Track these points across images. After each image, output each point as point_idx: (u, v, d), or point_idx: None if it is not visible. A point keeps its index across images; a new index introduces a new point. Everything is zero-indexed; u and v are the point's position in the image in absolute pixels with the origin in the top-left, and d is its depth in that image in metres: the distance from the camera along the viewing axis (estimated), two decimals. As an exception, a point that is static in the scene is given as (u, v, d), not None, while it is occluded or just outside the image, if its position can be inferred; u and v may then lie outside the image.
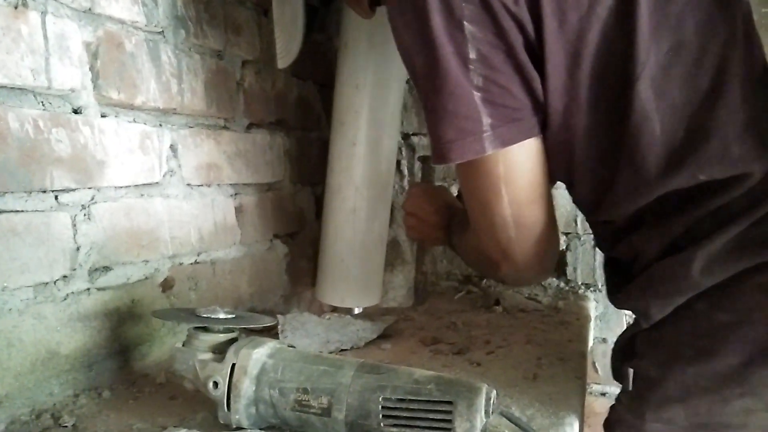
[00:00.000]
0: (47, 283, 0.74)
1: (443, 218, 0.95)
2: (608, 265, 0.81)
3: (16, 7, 0.69)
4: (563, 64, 0.65)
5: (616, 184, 0.67)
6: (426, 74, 0.67)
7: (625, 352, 0.74)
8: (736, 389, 0.63)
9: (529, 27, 0.64)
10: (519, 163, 0.68)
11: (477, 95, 0.65)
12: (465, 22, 0.63)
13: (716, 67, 0.64)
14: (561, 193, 1.29)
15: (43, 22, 0.72)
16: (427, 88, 0.68)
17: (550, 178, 0.73)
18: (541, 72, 0.65)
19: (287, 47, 0.91)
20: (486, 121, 0.65)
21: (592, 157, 0.69)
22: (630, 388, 0.70)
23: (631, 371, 0.70)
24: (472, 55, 0.64)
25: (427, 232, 0.99)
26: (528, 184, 0.69)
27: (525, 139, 0.67)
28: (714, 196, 0.63)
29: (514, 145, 0.67)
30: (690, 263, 0.63)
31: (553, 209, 0.74)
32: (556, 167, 0.72)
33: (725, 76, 0.64)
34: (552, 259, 0.77)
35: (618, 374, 0.75)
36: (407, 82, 1.26)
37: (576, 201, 0.78)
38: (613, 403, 0.74)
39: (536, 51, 0.65)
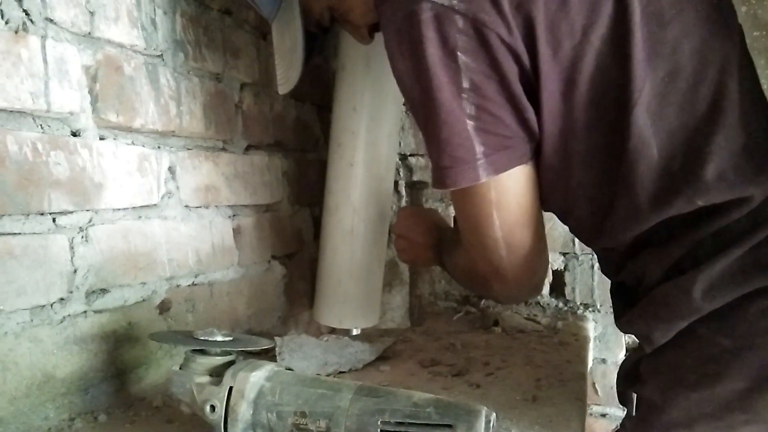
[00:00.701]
0: (44, 306, 0.74)
1: (433, 239, 0.96)
2: (615, 290, 0.80)
3: (16, 32, 0.70)
4: (558, 90, 0.66)
5: (614, 211, 0.68)
6: (420, 102, 0.68)
7: (629, 376, 0.73)
8: (741, 416, 0.62)
9: (524, 57, 0.64)
10: (510, 189, 0.69)
11: (470, 124, 0.65)
12: (459, 53, 0.64)
13: (712, 92, 0.64)
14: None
15: (43, 46, 0.73)
16: (422, 116, 0.69)
17: (545, 207, 0.75)
18: (537, 99, 0.66)
19: (287, 75, 0.92)
20: (479, 149, 0.66)
21: (589, 183, 0.69)
22: (634, 414, 0.70)
23: (634, 396, 0.70)
24: (465, 85, 0.65)
25: (417, 254, 1.00)
26: (518, 208, 0.70)
27: (516, 165, 0.68)
28: (714, 219, 0.63)
29: (506, 172, 0.68)
30: (691, 287, 0.62)
31: (543, 230, 0.75)
32: (551, 195, 0.72)
33: (722, 101, 0.64)
34: (541, 277, 0.80)
35: (623, 399, 0.74)
36: (404, 103, 1.27)
37: (574, 230, 0.78)
38: (617, 428, 0.73)
39: (531, 79, 0.66)
